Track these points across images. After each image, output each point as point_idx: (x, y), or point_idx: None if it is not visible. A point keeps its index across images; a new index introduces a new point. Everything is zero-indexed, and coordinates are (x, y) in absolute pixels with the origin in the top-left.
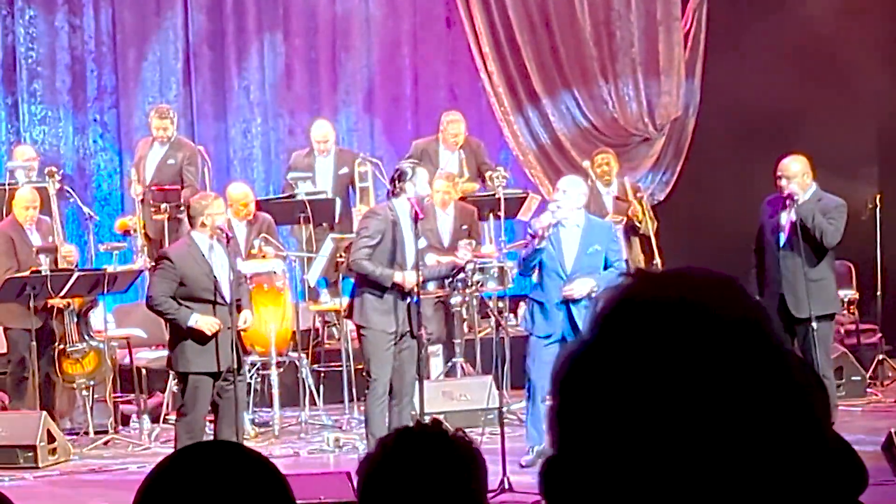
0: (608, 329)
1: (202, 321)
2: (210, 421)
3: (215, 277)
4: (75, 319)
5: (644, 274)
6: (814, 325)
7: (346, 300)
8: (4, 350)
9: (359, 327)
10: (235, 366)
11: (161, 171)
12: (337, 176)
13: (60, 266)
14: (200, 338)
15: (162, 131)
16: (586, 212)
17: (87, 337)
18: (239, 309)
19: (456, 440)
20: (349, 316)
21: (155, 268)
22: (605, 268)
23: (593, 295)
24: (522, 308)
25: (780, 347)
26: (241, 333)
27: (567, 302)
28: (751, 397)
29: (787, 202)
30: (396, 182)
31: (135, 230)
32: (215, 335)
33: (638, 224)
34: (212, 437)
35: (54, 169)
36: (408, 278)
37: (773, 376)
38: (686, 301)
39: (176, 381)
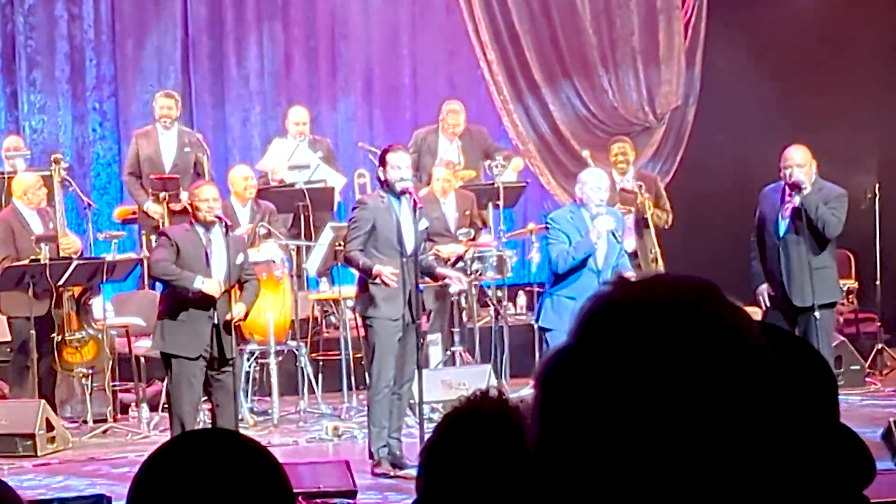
0: (590, 331)
1: (208, 283)
2: (209, 410)
3: (209, 265)
4: (74, 308)
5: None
6: (816, 314)
7: (343, 288)
8: (8, 338)
9: (364, 318)
10: (224, 355)
11: (181, 160)
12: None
13: (61, 255)
14: (187, 318)
15: (168, 110)
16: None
17: (86, 325)
18: (235, 295)
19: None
20: (355, 309)
21: (155, 247)
22: None
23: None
24: (521, 297)
25: (761, 349)
26: (239, 322)
27: None
28: (731, 398)
29: (794, 191)
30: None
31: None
32: (211, 324)
33: (647, 217)
34: (209, 426)
35: (59, 156)
36: (384, 271)
37: (753, 377)
38: (665, 304)
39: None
